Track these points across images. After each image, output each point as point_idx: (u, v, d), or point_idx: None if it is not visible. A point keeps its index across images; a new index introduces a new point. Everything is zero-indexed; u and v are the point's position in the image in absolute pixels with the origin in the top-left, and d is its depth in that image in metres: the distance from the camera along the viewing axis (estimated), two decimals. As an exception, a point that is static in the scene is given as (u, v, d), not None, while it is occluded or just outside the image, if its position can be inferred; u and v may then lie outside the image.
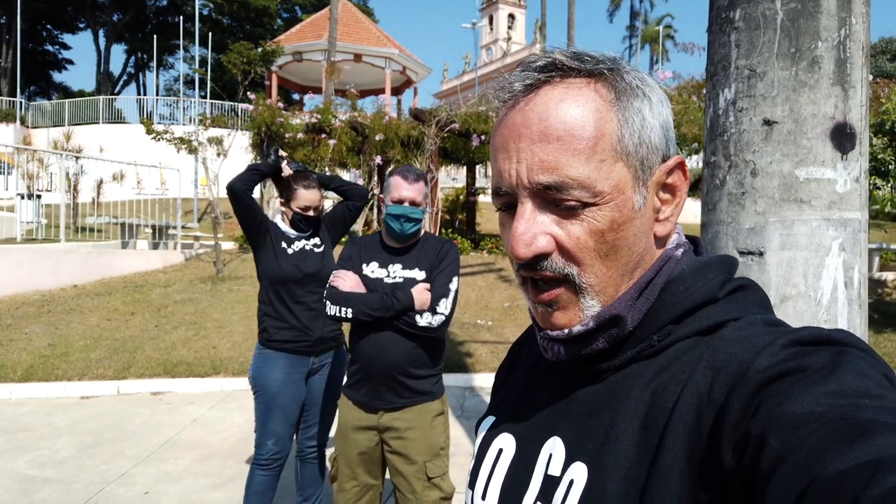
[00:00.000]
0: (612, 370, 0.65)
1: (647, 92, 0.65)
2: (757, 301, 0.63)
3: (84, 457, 4.60)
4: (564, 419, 0.67)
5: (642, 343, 0.63)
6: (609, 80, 0.63)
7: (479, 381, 6.53)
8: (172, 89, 42.81)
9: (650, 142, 0.63)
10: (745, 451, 0.47)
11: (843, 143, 1.73)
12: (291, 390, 3.09)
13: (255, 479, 3.10)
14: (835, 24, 1.72)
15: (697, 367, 0.57)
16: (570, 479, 0.61)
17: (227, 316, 8.18)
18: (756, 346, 0.54)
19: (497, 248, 12.05)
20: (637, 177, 0.62)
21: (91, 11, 38.61)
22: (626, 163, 0.62)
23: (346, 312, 2.40)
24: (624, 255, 0.63)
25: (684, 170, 0.66)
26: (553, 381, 0.72)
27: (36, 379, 6.37)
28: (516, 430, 0.73)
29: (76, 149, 15.61)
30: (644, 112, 0.63)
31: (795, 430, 0.44)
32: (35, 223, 11.69)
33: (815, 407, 0.45)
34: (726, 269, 0.65)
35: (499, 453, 0.73)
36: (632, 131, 0.62)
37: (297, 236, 3.20)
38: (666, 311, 0.63)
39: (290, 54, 25.03)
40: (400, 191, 2.47)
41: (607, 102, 0.62)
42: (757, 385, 0.50)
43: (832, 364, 0.49)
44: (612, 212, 0.61)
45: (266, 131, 12.51)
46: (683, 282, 0.64)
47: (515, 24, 53.23)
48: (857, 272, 1.77)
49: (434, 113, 12.03)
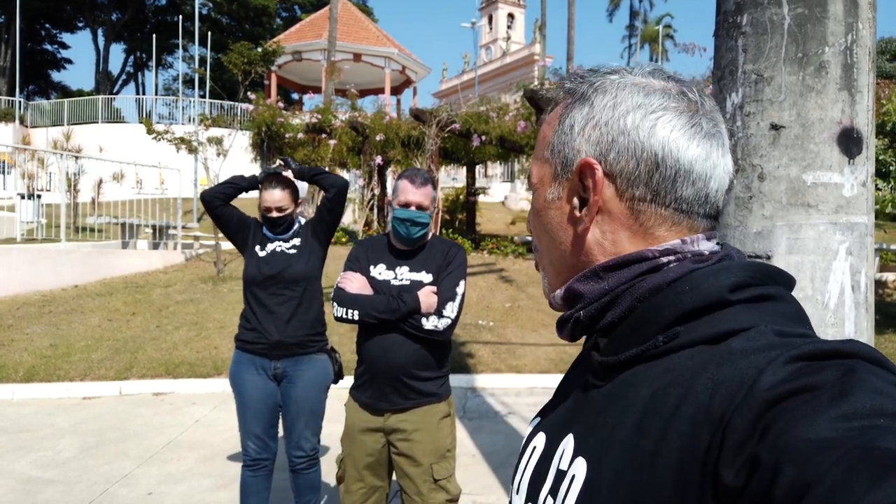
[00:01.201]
0: (619, 367, 0.65)
1: (595, 99, 0.70)
2: (785, 313, 0.61)
3: (87, 457, 4.60)
4: (579, 416, 0.69)
5: (647, 343, 0.63)
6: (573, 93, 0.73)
7: (481, 381, 6.54)
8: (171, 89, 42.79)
9: (573, 145, 0.71)
10: (753, 475, 0.46)
11: (850, 148, 1.74)
12: (259, 391, 3.11)
13: (245, 481, 3.16)
14: (842, 30, 1.73)
15: (700, 376, 0.56)
16: (573, 475, 0.63)
17: (228, 316, 8.18)
18: (760, 363, 0.52)
19: (497, 249, 12.04)
20: (555, 174, 0.73)
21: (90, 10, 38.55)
22: (549, 163, 0.74)
23: (353, 314, 2.41)
24: (548, 238, 0.75)
25: (590, 171, 0.68)
26: (579, 382, 0.74)
27: (38, 379, 6.37)
28: (547, 429, 0.76)
29: (76, 148, 15.59)
30: (576, 119, 0.71)
31: (812, 459, 0.43)
32: (35, 223, 11.69)
33: (831, 433, 0.44)
34: (748, 273, 0.63)
35: (532, 451, 0.76)
36: (559, 137, 0.72)
37: (273, 238, 3.21)
38: (669, 308, 0.62)
39: (290, 54, 25.01)
40: (407, 195, 2.48)
41: (559, 114, 0.74)
42: (763, 405, 0.48)
43: (842, 381, 0.47)
44: (537, 197, 0.76)
45: (266, 131, 12.51)
46: (691, 281, 0.63)
47: (515, 24, 53.17)
48: (863, 276, 1.78)
49: (434, 113, 12.03)
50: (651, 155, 0.67)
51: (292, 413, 3.16)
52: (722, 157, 0.70)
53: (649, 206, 0.68)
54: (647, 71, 0.72)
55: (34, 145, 20.81)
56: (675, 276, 0.65)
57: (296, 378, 3.14)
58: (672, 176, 0.67)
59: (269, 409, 3.14)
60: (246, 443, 3.13)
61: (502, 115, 12.05)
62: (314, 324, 3.21)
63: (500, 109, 12.19)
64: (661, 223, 0.68)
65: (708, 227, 0.71)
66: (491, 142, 11.98)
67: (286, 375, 3.14)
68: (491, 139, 11.84)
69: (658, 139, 0.67)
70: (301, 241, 3.23)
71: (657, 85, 0.70)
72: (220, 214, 3.22)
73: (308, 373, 3.16)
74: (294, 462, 3.20)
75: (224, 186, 3.25)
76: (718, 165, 0.69)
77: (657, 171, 0.67)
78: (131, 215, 12.23)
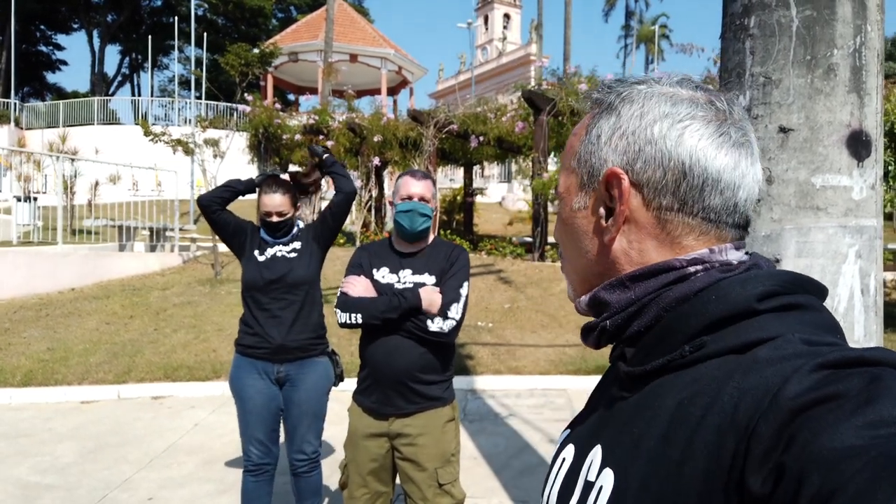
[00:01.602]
0: (646, 377, 0.65)
1: (622, 108, 0.70)
2: (814, 322, 0.61)
3: (86, 462, 4.58)
4: (607, 427, 0.69)
5: (674, 353, 0.63)
6: (601, 104, 0.73)
7: (481, 383, 6.53)
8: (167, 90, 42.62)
9: (599, 155, 0.71)
10: (779, 484, 0.46)
11: (858, 151, 1.73)
12: (262, 395, 3.09)
13: (247, 486, 3.14)
14: (850, 32, 1.72)
15: (726, 386, 0.56)
16: (601, 486, 0.63)
17: (226, 319, 8.15)
18: (786, 371, 0.52)
19: (496, 250, 12.03)
20: (581, 184, 0.73)
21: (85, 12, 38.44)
22: (576, 173, 0.74)
23: (357, 318, 2.40)
24: (574, 246, 0.75)
25: (612, 179, 0.69)
26: (608, 393, 0.75)
27: (35, 384, 6.34)
28: (576, 440, 0.76)
29: (71, 150, 15.55)
30: (603, 128, 0.71)
31: (836, 467, 0.43)
32: (31, 226, 11.63)
33: (856, 440, 0.44)
34: (776, 283, 0.62)
35: (562, 462, 0.76)
36: (586, 147, 0.73)
37: (273, 242, 3.20)
38: (695, 317, 0.62)
39: (286, 55, 25.02)
40: (409, 188, 2.51)
41: (586, 125, 0.74)
42: (789, 414, 0.49)
43: (867, 389, 0.47)
44: (563, 207, 0.77)
45: (263, 133, 12.49)
46: (718, 290, 0.63)
47: (511, 24, 53.21)
48: (872, 279, 1.77)
49: (432, 114, 12.03)
50: (678, 164, 0.67)
51: (294, 416, 3.15)
52: (751, 167, 0.69)
53: (676, 215, 0.68)
54: (675, 81, 0.71)
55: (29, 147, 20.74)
56: (701, 285, 0.65)
57: (298, 381, 3.13)
58: (700, 185, 0.67)
59: (272, 414, 3.13)
60: (248, 448, 3.11)
61: (500, 115, 12.05)
62: (316, 327, 3.21)
63: (497, 110, 12.20)
64: (689, 232, 0.68)
65: (736, 236, 0.70)
66: (489, 142, 11.98)
67: (289, 379, 3.13)
68: (488, 140, 11.84)
69: (685, 148, 0.66)
70: (301, 245, 3.21)
71: (685, 94, 0.69)
72: (217, 219, 3.20)
73: (311, 376, 3.15)
74: (296, 465, 3.18)
75: (221, 190, 3.23)
76: (747, 175, 0.69)
77: (684, 180, 0.67)
78: (128, 217, 12.18)
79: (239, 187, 3.26)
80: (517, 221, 17.93)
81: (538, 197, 11.17)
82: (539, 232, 11.27)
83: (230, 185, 3.26)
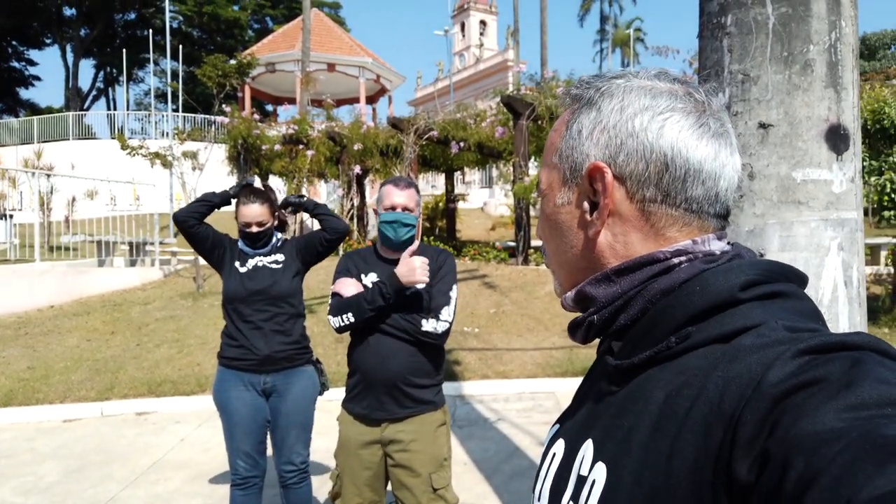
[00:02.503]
0: (634, 370, 0.66)
1: (602, 103, 0.71)
2: (796, 309, 0.61)
3: (70, 481, 4.50)
4: (597, 421, 0.69)
5: (660, 344, 0.63)
6: (580, 100, 0.73)
7: (469, 388, 6.52)
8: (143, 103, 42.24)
9: (581, 150, 0.71)
10: (764, 470, 0.47)
11: (837, 144, 1.76)
12: (248, 407, 3.06)
13: (235, 500, 3.10)
14: (825, 28, 1.75)
15: (711, 375, 0.56)
16: (594, 480, 0.63)
17: (209, 332, 8.07)
18: (768, 358, 0.53)
19: (479, 255, 12.04)
20: (564, 179, 0.73)
21: (58, 27, 38.05)
22: (558, 169, 0.74)
23: (349, 318, 2.40)
24: (559, 242, 0.75)
25: (599, 174, 0.69)
26: (596, 387, 0.74)
27: (16, 403, 6.22)
28: (566, 434, 0.76)
29: (47, 166, 15.33)
30: (584, 123, 0.71)
31: (818, 450, 0.43)
32: (7, 244, 11.45)
33: (837, 423, 0.44)
34: (758, 272, 0.63)
35: (553, 457, 0.76)
36: (567, 143, 0.72)
37: (253, 253, 3.18)
38: (680, 309, 0.63)
39: (263, 65, 24.90)
40: (392, 198, 2.50)
41: (566, 120, 0.74)
42: (771, 400, 0.49)
43: (849, 373, 0.48)
44: (547, 203, 0.76)
45: (242, 144, 12.41)
46: (701, 281, 0.63)
47: (487, 31, 53.46)
48: (855, 271, 1.80)
49: (412, 121, 12.04)
50: (660, 156, 0.67)
51: (282, 427, 3.12)
52: (731, 156, 0.70)
53: (660, 206, 0.68)
54: (653, 74, 0.72)
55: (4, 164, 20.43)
56: (685, 276, 0.66)
57: (285, 391, 3.11)
58: (682, 176, 0.67)
59: (259, 426, 3.10)
60: (235, 461, 3.07)
61: (479, 121, 12.09)
62: (300, 337, 3.20)
63: (477, 116, 12.23)
64: (672, 224, 0.69)
65: (718, 226, 0.71)
66: (469, 148, 12.01)
67: (276, 389, 3.10)
68: (469, 146, 11.87)
69: (667, 140, 0.67)
70: (285, 258, 3.20)
71: (663, 87, 0.70)
72: (195, 233, 3.16)
73: (297, 385, 3.14)
74: (285, 477, 3.14)
75: (197, 205, 3.19)
76: (727, 164, 0.70)
77: (667, 171, 0.67)
78: (106, 233, 12.03)
79: (215, 200, 3.23)
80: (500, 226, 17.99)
81: (520, 201, 11.21)
82: (522, 236, 11.30)
83: (205, 198, 3.23)
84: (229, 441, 3.09)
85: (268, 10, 44.51)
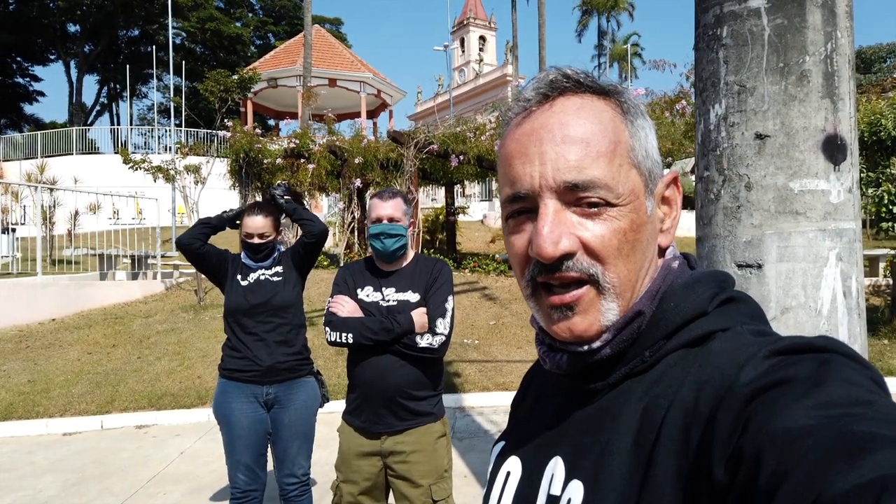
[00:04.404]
0: (607, 388, 0.66)
1: (646, 114, 0.69)
2: (748, 312, 0.64)
3: (69, 495, 4.48)
4: (564, 438, 0.68)
5: (635, 360, 0.64)
6: (616, 98, 0.67)
7: (469, 400, 6.49)
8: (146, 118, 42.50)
9: (653, 156, 0.68)
10: (739, 469, 0.47)
11: (834, 155, 1.77)
12: (249, 419, 3.06)
13: None
14: (821, 39, 1.76)
15: (685, 381, 0.58)
16: (569, 498, 0.62)
17: (210, 345, 8.06)
18: (740, 359, 0.54)
19: (479, 268, 12.04)
20: (646, 185, 0.66)
21: (62, 43, 38.35)
22: (639, 171, 0.65)
23: (347, 337, 2.39)
24: (640, 258, 0.65)
25: (678, 184, 0.71)
26: (554, 403, 0.74)
27: (16, 417, 6.21)
28: (522, 453, 0.74)
29: (50, 181, 15.39)
30: (646, 129, 0.68)
31: (790, 446, 0.44)
32: (10, 257, 11.47)
33: (807, 420, 0.45)
34: (716, 283, 0.65)
35: (507, 476, 0.74)
36: (640, 143, 0.66)
37: (256, 266, 3.21)
38: (658, 327, 0.64)
39: (265, 80, 25.05)
40: (377, 210, 2.52)
41: (619, 115, 0.66)
42: (743, 400, 0.50)
43: (818, 373, 0.49)
44: (631, 213, 0.64)
45: (244, 158, 12.44)
46: (674, 297, 0.65)
47: (487, 46, 53.76)
48: (854, 281, 1.80)
49: (412, 135, 12.07)
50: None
51: (285, 438, 3.11)
52: None
53: None
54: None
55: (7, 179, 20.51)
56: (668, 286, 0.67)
57: (287, 402, 3.11)
58: None
59: (260, 438, 3.09)
60: (235, 475, 3.06)
61: (479, 134, 12.12)
62: (302, 348, 3.21)
63: (476, 129, 12.27)
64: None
65: None
66: (469, 161, 12.03)
67: (278, 401, 3.11)
68: (469, 159, 11.89)
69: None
70: (284, 269, 3.23)
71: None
72: (202, 253, 3.21)
73: (300, 396, 3.14)
74: (286, 490, 3.13)
75: (200, 228, 3.25)
76: None
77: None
78: (109, 246, 12.05)
79: (214, 222, 3.29)
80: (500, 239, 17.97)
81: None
82: (522, 249, 11.26)
83: (205, 221, 3.29)
84: (230, 453, 3.08)
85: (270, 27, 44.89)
